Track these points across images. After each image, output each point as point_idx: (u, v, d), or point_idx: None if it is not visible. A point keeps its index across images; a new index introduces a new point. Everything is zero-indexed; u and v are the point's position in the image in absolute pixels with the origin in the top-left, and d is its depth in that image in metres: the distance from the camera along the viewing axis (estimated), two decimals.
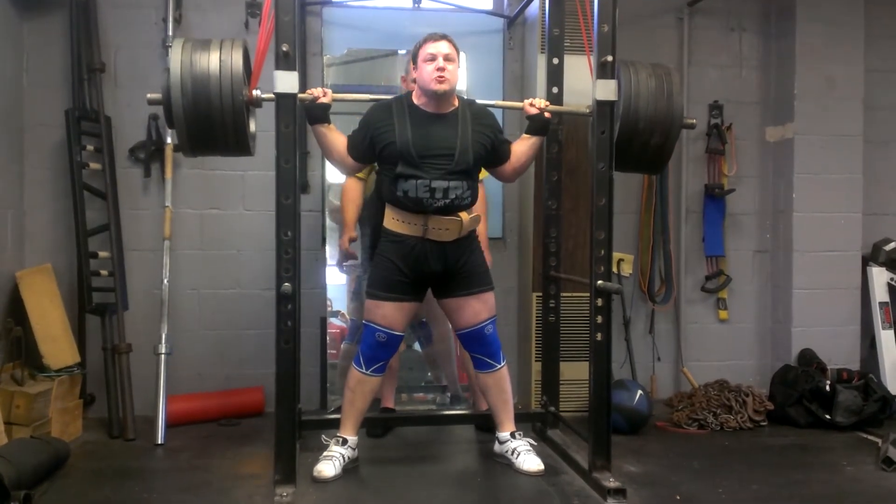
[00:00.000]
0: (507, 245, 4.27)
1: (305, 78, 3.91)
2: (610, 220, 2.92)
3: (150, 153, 3.94)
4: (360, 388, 3.07)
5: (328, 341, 3.96)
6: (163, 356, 3.66)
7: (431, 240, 2.96)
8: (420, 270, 3.00)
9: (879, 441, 3.43)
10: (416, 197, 2.92)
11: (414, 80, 3.04)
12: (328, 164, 4.02)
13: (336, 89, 4.05)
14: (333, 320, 4.07)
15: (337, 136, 3.02)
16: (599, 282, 2.89)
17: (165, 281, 3.79)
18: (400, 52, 4.18)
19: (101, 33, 3.88)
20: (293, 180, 2.78)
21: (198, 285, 4.05)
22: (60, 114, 3.80)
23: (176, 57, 2.70)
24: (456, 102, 3.04)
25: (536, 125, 3.11)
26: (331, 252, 3.96)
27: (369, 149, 3.00)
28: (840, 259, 4.31)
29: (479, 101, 3.17)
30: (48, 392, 3.35)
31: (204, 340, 4.04)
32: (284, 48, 2.71)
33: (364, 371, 3.05)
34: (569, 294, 3.65)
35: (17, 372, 3.35)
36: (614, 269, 4.11)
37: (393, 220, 3.00)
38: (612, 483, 2.78)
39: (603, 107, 2.89)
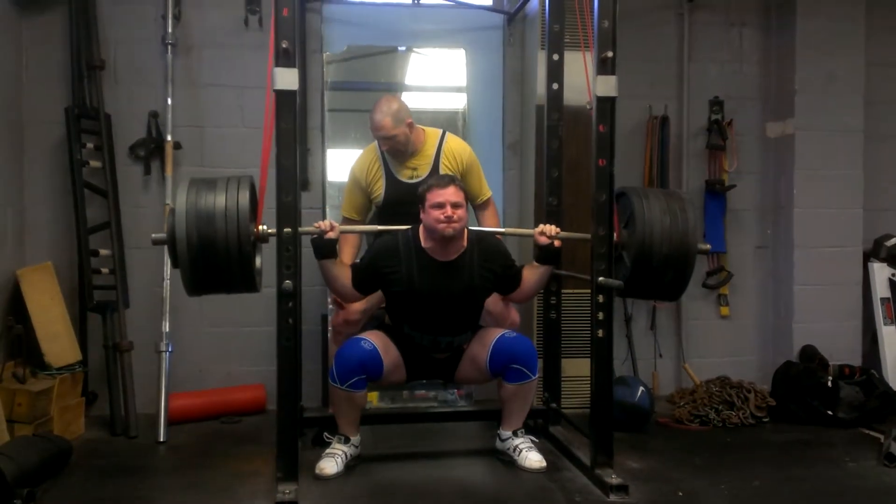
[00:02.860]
0: (507, 241, 4.25)
1: (305, 75, 3.90)
2: (611, 216, 2.92)
3: (150, 150, 3.93)
4: (346, 405, 3.02)
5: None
6: (164, 354, 3.66)
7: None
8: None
9: (881, 437, 3.43)
10: (422, 345, 3.09)
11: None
12: (328, 160, 4.02)
13: (336, 86, 4.06)
14: None
15: (343, 270, 3.03)
16: (601, 278, 2.89)
17: (167, 278, 3.78)
18: (400, 48, 4.17)
19: (100, 30, 3.86)
20: (294, 177, 2.76)
21: None
22: (60, 111, 3.79)
23: (181, 199, 2.66)
24: (465, 243, 3.05)
25: (546, 255, 3.11)
26: None
27: (376, 286, 3.07)
28: (841, 255, 4.30)
29: (486, 231, 3.27)
30: (50, 390, 3.35)
31: (205, 338, 4.04)
32: (284, 45, 2.69)
33: (340, 386, 2.94)
34: (570, 291, 3.64)
35: (19, 370, 3.34)
36: None
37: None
38: (614, 479, 2.78)
39: (603, 103, 2.87)
